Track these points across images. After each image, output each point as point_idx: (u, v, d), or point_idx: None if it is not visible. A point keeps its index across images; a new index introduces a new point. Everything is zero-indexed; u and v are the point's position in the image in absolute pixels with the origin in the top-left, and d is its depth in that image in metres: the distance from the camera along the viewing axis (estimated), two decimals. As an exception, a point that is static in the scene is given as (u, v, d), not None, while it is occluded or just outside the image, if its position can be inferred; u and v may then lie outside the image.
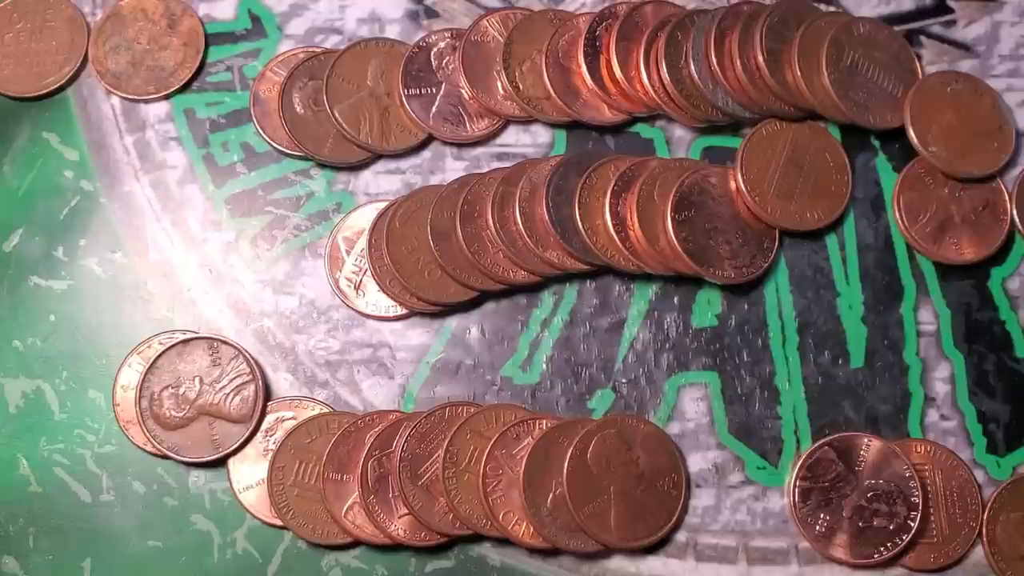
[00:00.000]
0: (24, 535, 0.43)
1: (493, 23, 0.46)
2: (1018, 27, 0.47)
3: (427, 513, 0.41)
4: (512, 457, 0.42)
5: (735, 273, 0.43)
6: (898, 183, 0.45)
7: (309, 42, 0.47)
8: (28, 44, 0.46)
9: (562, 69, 0.45)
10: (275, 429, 0.43)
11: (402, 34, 0.47)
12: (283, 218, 0.45)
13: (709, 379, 0.44)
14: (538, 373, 0.44)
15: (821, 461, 0.43)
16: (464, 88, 0.45)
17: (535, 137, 0.46)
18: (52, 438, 0.44)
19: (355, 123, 0.45)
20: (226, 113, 0.46)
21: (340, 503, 0.42)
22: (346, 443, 0.42)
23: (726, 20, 0.45)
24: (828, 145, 0.45)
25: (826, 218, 0.44)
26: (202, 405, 0.43)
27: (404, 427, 0.42)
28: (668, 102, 0.44)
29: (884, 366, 0.44)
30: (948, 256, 0.45)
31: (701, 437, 0.44)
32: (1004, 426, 0.44)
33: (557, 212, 0.43)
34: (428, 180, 0.45)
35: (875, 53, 0.45)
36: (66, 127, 0.46)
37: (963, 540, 0.42)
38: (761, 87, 0.44)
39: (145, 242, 0.45)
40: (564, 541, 0.41)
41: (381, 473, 0.42)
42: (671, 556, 0.43)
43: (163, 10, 0.46)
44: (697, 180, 0.44)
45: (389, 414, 0.43)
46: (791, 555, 0.43)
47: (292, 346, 0.44)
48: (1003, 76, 0.47)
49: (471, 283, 0.43)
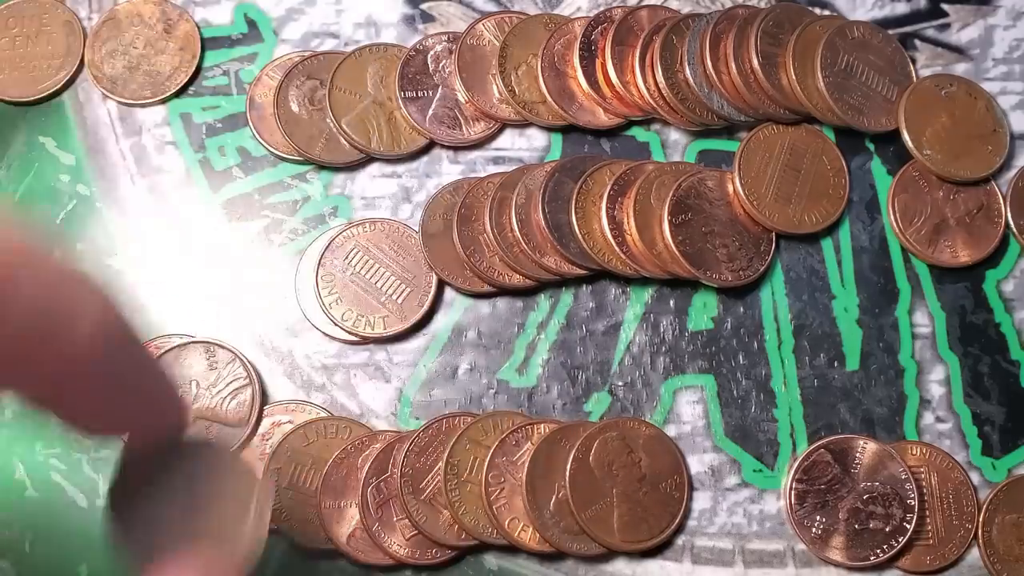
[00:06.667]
0: (20, 540, 0.43)
1: (489, 27, 0.46)
2: (1011, 31, 0.47)
3: (432, 527, 0.41)
4: (513, 464, 0.42)
5: (731, 276, 0.43)
6: (893, 186, 0.45)
7: (305, 46, 0.47)
8: (24, 48, 0.46)
9: (558, 73, 0.45)
10: (271, 433, 0.43)
11: (398, 38, 0.47)
12: (279, 222, 0.45)
13: (705, 382, 0.44)
14: (535, 376, 0.44)
15: (817, 464, 0.43)
16: (460, 92, 0.45)
17: (531, 141, 0.46)
18: (48, 443, 0.44)
19: (365, 133, 0.45)
20: (222, 117, 0.46)
21: (341, 529, 0.42)
22: (339, 469, 0.42)
23: (721, 24, 0.45)
24: (825, 148, 0.45)
25: (823, 221, 0.44)
26: (198, 409, 0.43)
27: (403, 442, 0.42)
28: (664, 106, 0.45)
29: (879, 368, 0.44)
30: (943, 259, 0.45)
31: (697, 440, 0.44)
32: (999, 428, 0.44)
33: (553, 217, 0.43)
34: (424, 183, 0.45)
35: (869, 56, 0.45)
36: (62, 131, 0.46)
37: (959, 542, 0.42)
38: (756, 90, 0.44)
39: (141, 247, 0.45)
40: (568, 544, 0.41)
41: (381, 500, 0.42)
42: (668, 559, 0.43)
43: (159, 15, 0.46)
44: (694, 184, 0.44)
45: (380, 435, 0.43)
46: (787, 557, 0.43)
47: (288, 350, 0.44)
48: (997, 79, 0.47)
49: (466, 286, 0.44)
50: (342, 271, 0.44)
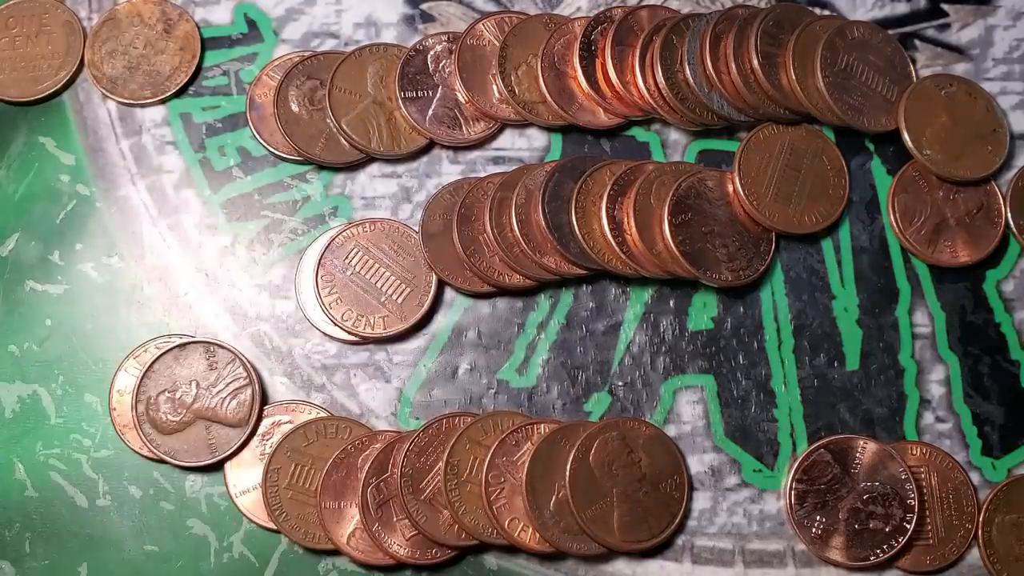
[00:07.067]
0: (20, 540, 0.43)
1: (489, 27, 0.46)
2: (1011, 31, 0.47)
3: (432, 527, 0.41)
4: (513, 464, 0.42)
5: (731, 276, 0.43)
6: (893, 186, 0.45)
7: (305, 46, 0.47)
8: (24, 48, 0.46)
9: (558, 73, 0.45)
10: (271, 433, 0.43)
11: (398, 38, 0.47)
12: (279, 222, 0.45)
13: (705, 382, 0.44)
14: (534, 376, 0.44)
15: (817, 464, 0.43)
16: (460, 92, 0.45)
17: (531, 141, 0.46)
18: (48, 443, 0.44)
19: (365, 133, 0.45)
20: (222, 117, 0.46)
21: (341, 529, 0.42)
22: (339, 469, 0.42)
23: (721, 24, 0.45)
24: (825, 148, 0.45)
25: (823, 221, 0.44)
26: (199, 409, 0.43)
27: (403, 442, 0.42)
28: (663, 106, 0.45)
29: (879, 368, 0.44)
30: (943, 259, 0.45)
31: (697, 440, 0.44)
32: (999, 428, 0.44)
33: (553, 217, 0.43)
34: (424, 183, 0.45)
35: (869, 56, 0.45)
36: (62, 131, 0.46)
37: (959, 542, 0.42)
38: (756, 91, 0.44)
39: (141, 246, 0.45)
40: (568, 544, 0.41)
41: (382, 500, 0.42)
42: (668, 559, 0.43)
43: (159, 15, 0.46)
44: (694, 183, 0.44)
45: (380, 435, 0.43)
46: (787, 557, 0.43)
47: (288, 350, 0.44)
48: (997, 79, 0.47)
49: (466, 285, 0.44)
50: (342, 271, 0.44)
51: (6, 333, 0.44)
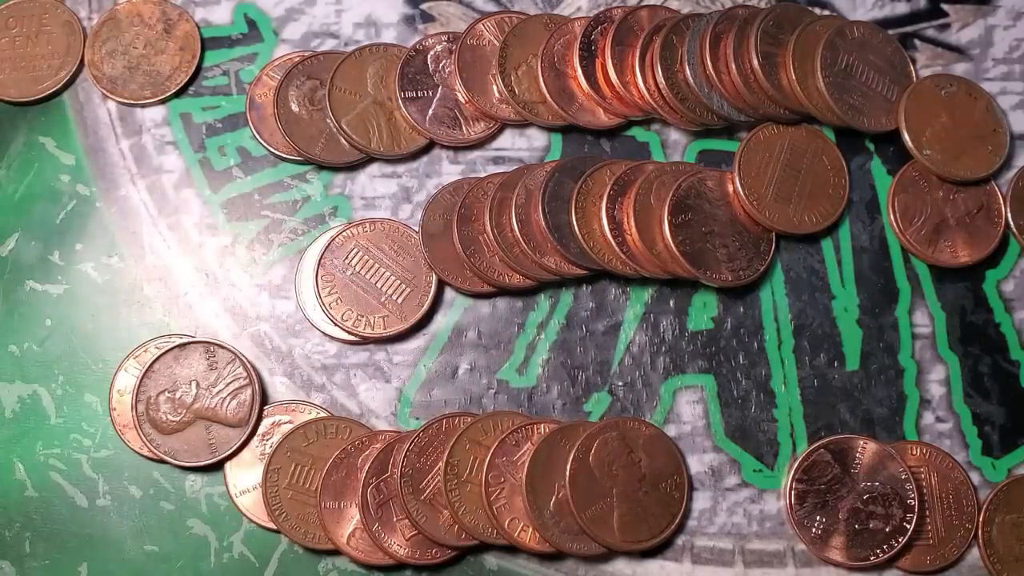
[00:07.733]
0: (20, 540, 0.43)
1: (489, 27, 0.46)
2: (1011, 31, 0.47)
3: (432, 527, 0.41)
4: (513, 464, 0.42)
5: (731, 276, 0.43)
6: (893, 186, 0.45)
7: (305, 46, 0.47)
8: (24, 48, 0.46)
9: (558, 73, 0.45)
10: (271, 433, 0.43)
11: (398, 38, 0.47)
12: (279, 222, 0.45)
13: (705, 382, 0.44)
14: (534, 376, 0.44)
15: (817, 464, 0.43)
16: (460, 92, 0.45)
17: (531, 141, 0.46)
18: (48, 443, 0.44)
19: (365, 133, 0.45)
20: (222, 117, 0.46)
21: (341, 529, 0.42)
22: (339, 469, 0.42)
23: (721, 24, 0.45)
24: (825, 148, 0.45)
25: (823, 221, 0.44)
26: (199, 409, 0.43)
27: (403, 442, 0.42)
28: (663, 106, 0.45)
29: (879, 369, 0.44)
30: (943, 259, 0.45)
31: (697, 440, 0.44)
32: (999, 428, 0.44)
33: (553, 217, 0.43)
34: (424, 183, 0.45)
35: (869, 56, 0.45)
36: (62, 131, 0.46)
37: (959, 542, 0.42)
38: (756, 90, 0.44)
39: (141, 246, 0.45)
40: (568, 544, 0.41)
41: (381, 500, 0.42)
42: (668, 559, 0.43)
43: (159, 15, 0.46)
44: (694, 184, 0.44)
45: (380, 435, 0.43)
46: (787, 557, 0.43)
47: (288, 350, 0.44)
48: (997, 79, 0.47)
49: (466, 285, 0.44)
50: (342, 271, 0.44)
51: (6, 333, 0.44)
